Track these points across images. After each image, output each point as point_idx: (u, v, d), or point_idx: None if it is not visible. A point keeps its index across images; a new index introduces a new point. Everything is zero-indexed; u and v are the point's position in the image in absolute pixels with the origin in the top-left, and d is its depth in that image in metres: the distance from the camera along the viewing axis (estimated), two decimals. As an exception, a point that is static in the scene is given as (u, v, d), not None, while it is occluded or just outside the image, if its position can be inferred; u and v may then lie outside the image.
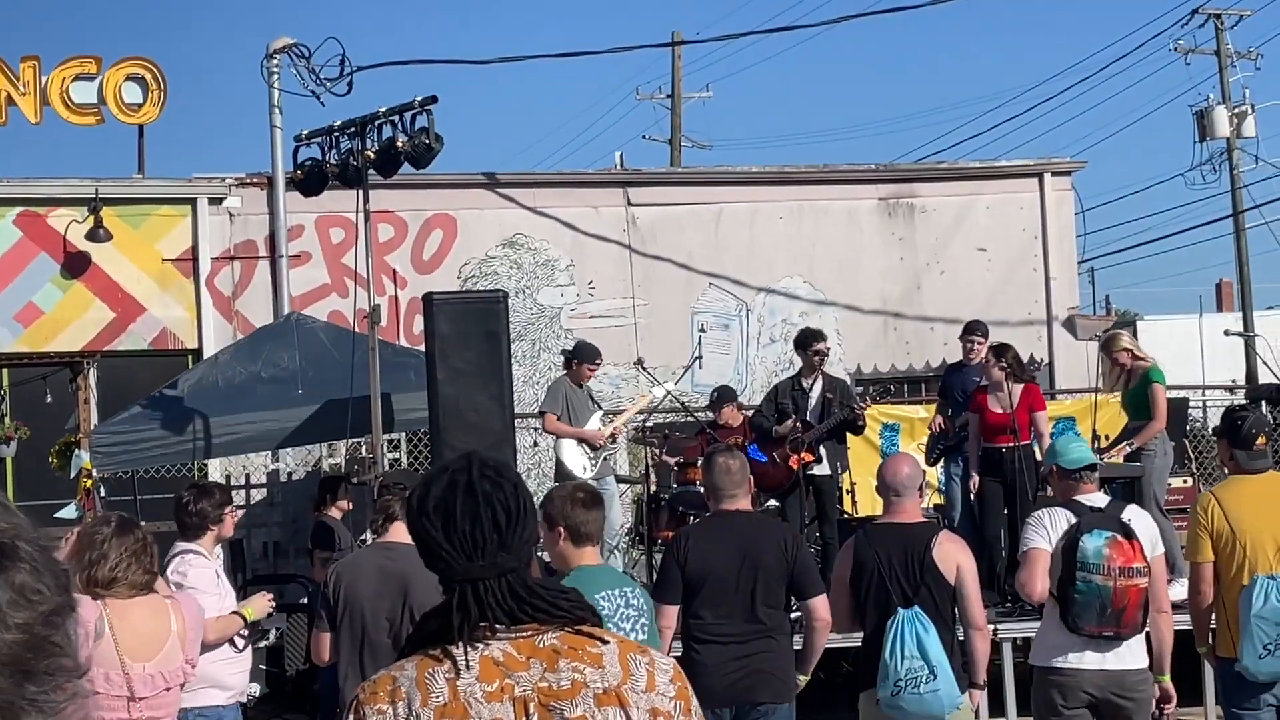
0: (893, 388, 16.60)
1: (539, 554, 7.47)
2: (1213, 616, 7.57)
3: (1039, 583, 7.05)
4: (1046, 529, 7.12)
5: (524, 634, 2.92)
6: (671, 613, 7.24)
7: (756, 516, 7.89)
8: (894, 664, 7.10)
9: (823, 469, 12.74)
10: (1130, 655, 7.13)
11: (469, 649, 2.89)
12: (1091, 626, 7.01)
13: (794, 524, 12.31)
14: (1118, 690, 7.11)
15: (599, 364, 13.54)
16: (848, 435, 13.22)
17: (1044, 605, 7.31)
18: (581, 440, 13.16)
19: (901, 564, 7.28)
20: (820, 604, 7.39)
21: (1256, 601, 7.24)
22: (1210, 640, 7.68)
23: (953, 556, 7.36)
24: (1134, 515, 7.27)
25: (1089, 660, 7.09)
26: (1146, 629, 7.21)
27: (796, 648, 7.63)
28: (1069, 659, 7.11)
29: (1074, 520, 7.06)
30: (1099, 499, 7.25)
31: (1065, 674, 7.12)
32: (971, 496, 12.60)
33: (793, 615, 7.63)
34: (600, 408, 13.70)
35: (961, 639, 7.47)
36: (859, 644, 7.75)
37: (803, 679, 7.61)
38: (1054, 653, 7.18)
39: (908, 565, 7.28)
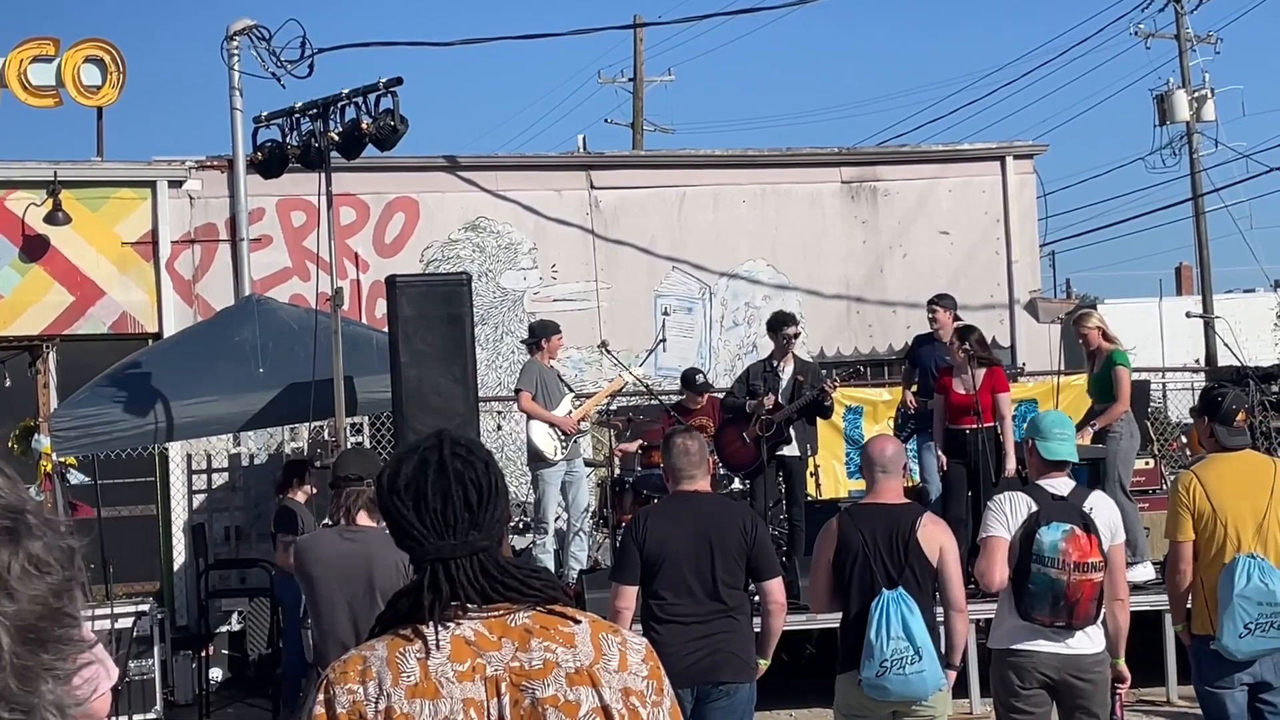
0: (862, 369, 16.66)
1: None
2: (1189, 595, 7.58)
3: (997, 571, 7.06)
4: (1006, 515, 7.12)
5: (495, 613, 2.91)
6: (630, 593, 7.21)
7: (716, 497, 7.86)
8: (879, 644, 7.08)
9: (792, 450, 12.74)
10: (1087, 640, 7.16)
11: (440, 628, 2.88)
12: (1044, 617, 7.04)
13: (761, 504, 12.34)
14: (1074, 671, 7.14)
15: (561, 333, 13.58)
16: (817, 419, 13.24)
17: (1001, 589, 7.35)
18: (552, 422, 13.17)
19: (886, 545, 7.27)
20: (776, 586, 7.38)
21: (1239, 581, 7.25)
22: (1186, 618, 7.69)
23: (936, 538, 7.37)
24: (1096, 504, 7.23)
25: (1043, 645, 7.13)
26: (1103, 615, 7.24)
27: (757, 629, 7.62)
28: (1024, 643, 7.14)
29: (1034, 509, 7.06)
30: (1063, 485, 7.23)
31: (1021, 655, 7.15)
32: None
33: (756, 597, 7.62)
34: (571, 390, 13.69)
35: (940, 621, 7.48)
36: (823, 626, 7.72)
37: (763, 663, 7.58)
38: (1010, 636, 7.21)
39: (892, 546, 7.27)
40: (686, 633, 7.23)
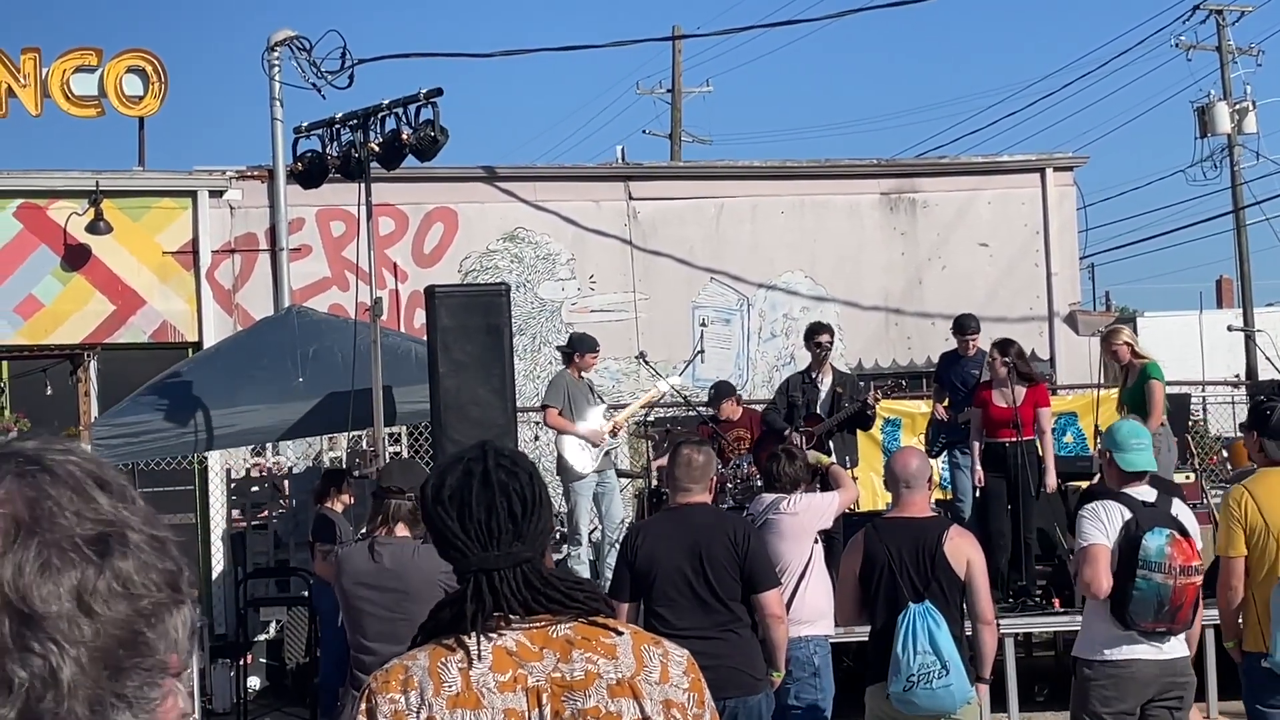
0: (904, 382, 16.61)
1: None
2: (1240, 611, 7.48)
3: (1104, 579, 6.96)
4: (1103, 523, 7.03)
5: (538, 624, 2.91)
6: (623, 610, 7.08)
7: (710, 509, 7.74)
8: (906, 658, 7.07)
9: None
10: (1181, 645, 7.14)
11: (482, 639, 2.88)
12: (1147, 623, 6.97)
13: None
14: (1171, 675, 7.09)
15: (598, 352, 13.50)
16: (857, 430, 13.21)
17: (1085, 600, 7.30)
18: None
19: (912, 558, 7.26)
20: (770, 598, 7.32)
21: None
22: (1236, 635, 7.59)
23: (963, 551, 7.34)
24: (1181, 511, 7.19)
25: (1143, 651, 7.04)
26: None
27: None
28: (1123, 650, 7.05)
29: (1128, 515, 6.99)
30: (1148, 493, 7.16)
31: (1120, 665, 7.05)
32: (976, 491, 12.59)
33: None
34: (603, 402, 13.65)
35: (969, 634, 7.45)
36: (860, 640, 7.70)
37: (777, 675, 7.55)
38: (1106, 645, 7.11)
39: (919, 559, 7.25)
40: (686, 647, 7.18)
